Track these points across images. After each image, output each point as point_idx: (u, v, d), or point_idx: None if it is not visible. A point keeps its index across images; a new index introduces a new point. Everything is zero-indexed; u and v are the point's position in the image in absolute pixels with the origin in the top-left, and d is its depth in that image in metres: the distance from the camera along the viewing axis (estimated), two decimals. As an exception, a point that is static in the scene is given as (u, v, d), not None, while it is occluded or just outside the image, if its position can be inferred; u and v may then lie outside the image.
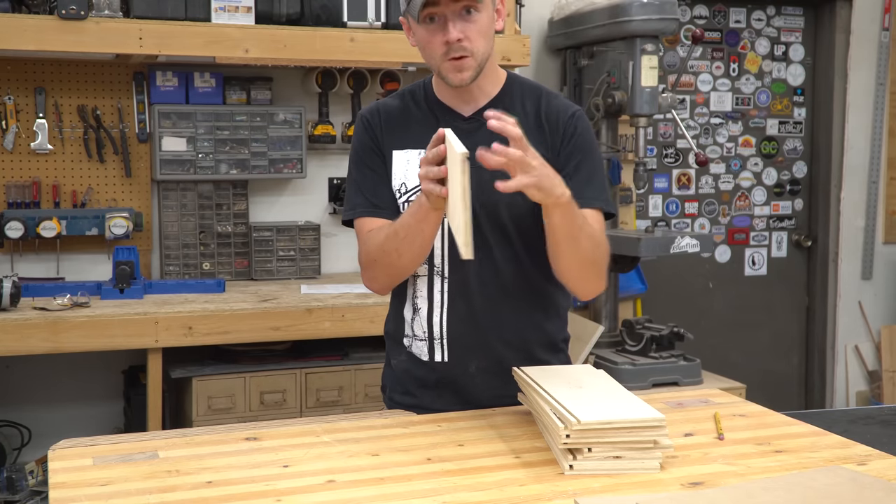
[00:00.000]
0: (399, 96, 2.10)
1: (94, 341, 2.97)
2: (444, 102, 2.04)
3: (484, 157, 1.70)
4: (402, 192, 2.02)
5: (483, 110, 1.97)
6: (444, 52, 1.91)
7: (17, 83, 3.46)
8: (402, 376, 2.11)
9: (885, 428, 2.36)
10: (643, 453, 1.59)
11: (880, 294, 4.78)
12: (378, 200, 2.02)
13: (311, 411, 3.22)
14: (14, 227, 3.32)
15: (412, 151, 2.02)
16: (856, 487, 1.50)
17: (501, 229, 2.01)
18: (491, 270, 2.01)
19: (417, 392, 2.08)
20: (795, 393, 4.88)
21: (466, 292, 2.01)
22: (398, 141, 2.04)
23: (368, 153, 2.05)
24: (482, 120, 1.92)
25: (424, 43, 1.94)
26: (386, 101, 2.10)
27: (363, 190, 2.04)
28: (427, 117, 2.04)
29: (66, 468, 1.60)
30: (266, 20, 3.36)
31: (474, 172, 1.77)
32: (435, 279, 2.02)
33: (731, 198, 4.69)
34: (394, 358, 2.13)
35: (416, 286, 2.04)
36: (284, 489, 1.50)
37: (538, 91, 2.07)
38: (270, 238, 3.67)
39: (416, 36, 1.96)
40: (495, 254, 2.01)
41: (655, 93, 3.46)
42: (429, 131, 1.93)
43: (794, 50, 4.72)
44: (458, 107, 2.03)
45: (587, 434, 1.57)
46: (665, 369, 3.50)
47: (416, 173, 1.93)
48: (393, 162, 2.03)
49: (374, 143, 2.05)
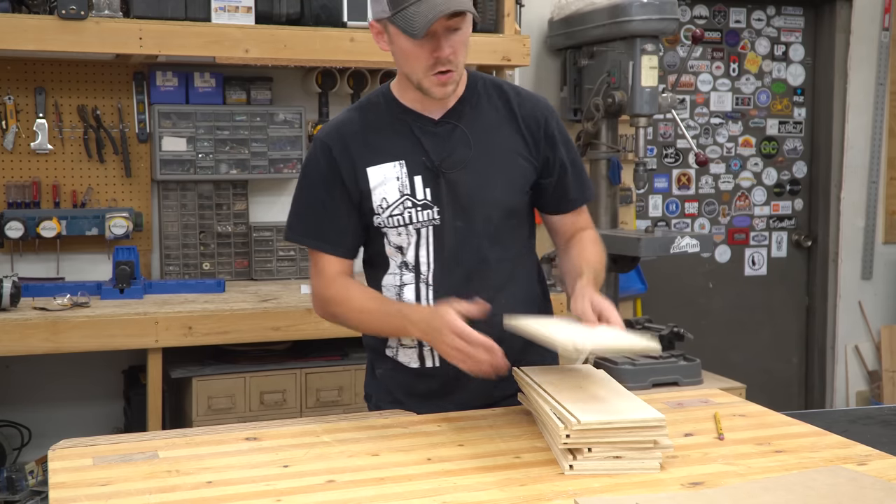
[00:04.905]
0: (357, 110, 2.05)
1: (94, 341, 2.97)
2: (411, 108, 2.00)
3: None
4: (382, 208, 1.98)
5: (452, 111, 1.99)
6: (431, 65, 1.88)
7: (17, 83, 3.46)
8: (388, 384, 2.10)
9: (885, 428, 2.36)
10: (643, 453, 1.59)
11: (880, 294, 4.78)
12: (334, 238, 2.01)
13: (311, 411, 3.22)
14: (14, 227, 3.31)
15: (387, 165, 1.97)
16: (856, 487, 1.50)
17: (495, 233, 2.01)
18: (481, 272, 2.01)
19: (406, 399, 2.06)
20: (795, 393, 4.88)
21: (454, 299, 1.99)
22: (370, 157, 1.98)
23: (323, 181, 2.00)
24: (454, 122, 1.96)
25: (408, 55, 1.89)
26: (343, 120, 2.04)
27: (311, 219, 2.03)
28: (395, 125, 1.99)
29: (66, 468, 1.60)
30: (266, 20, 3.36)
31: (460, 174, 1.89)
32: (421, 286, 2.01)
33: (731, 198, 4.69)
34: (378, 367, 2.11)
35: (401, 296, 2.02)
36: (284, 489, 1.50)
37: (500, 86, 2.07)
38: (270, 238, 3.67)
39: (397, 45, 1.91)
40: (488, 256, 2.01)
41: (655, 93, 3.46)
42: (401, 140, 1.95)
43: (794, 50, 4.72)
44: (426, 111, 2.00)
45: (587, 434, 1.57)
46: (665, 369, 3.49)
47: (396, 187, 1.96)
48: (369, 179, 1.98)
49: (334, 171, 1.99)
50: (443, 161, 1.97)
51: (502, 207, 2.02)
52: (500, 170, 2.00)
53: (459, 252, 1.99)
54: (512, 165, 2.02)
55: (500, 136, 2.01)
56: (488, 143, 2.00)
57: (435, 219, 1.98)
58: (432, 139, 1.98)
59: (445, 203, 1.97)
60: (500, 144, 2.01)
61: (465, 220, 1.98)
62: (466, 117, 2.00)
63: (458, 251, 1.99)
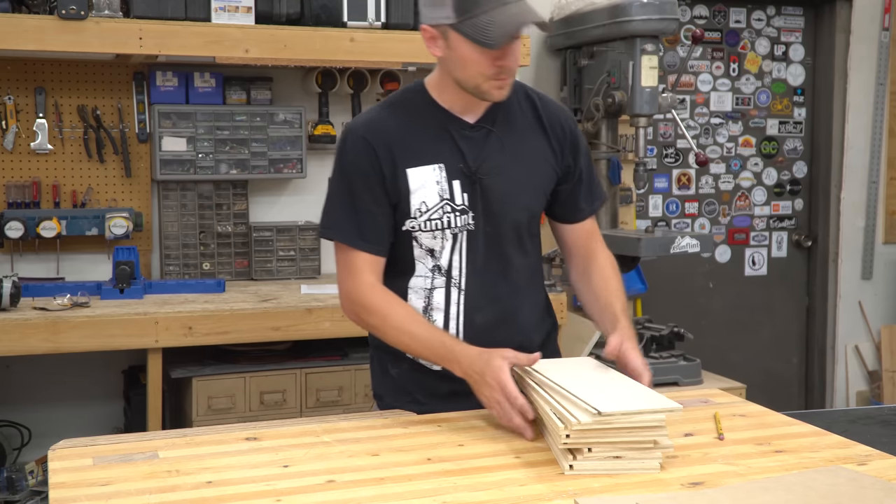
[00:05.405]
0: (389, 108, 2.01)
1: (94, 341, 2.97)
2: (449, 110, 1.99)
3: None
4: (421, 212, 1.97)
5: (486, 115, 2.00)
6: (493, 73, 1.88)
7: (17, 83, 3.46)
8: (407, 385, 2.07)
9: (885, 428, 2.36)
10: (643, 453, 1.59)
11: (880, 294, 4.78)
12: (372, 236, 1.97)
13: (311, 411, 3.22)
14: (14, 227, 3.31)
15: (426, 168, 1.96)
16: (856, 487, 1.50)
17: (519, 239, 2.04)
18: (506, 277, 2.03)
19: (427, 400, 2.04)
20: (795, 393, 4.88)
21: (483, 302, 2.01)
22: (410, 158, 1.96)
23: (363, 177, 1.96)
24: (488, 126, 1.97)
25: (469, 62, 1.87)
26: (378, 116, 2.00)
27: (350, 216, 1.97)
28: (434, 127, 1.98)
29: (66, 468, 1.59)
30: (266, 20, 3.36)
31: (494, 179, 1.93)
32: (452, 290, 2.01)
33: (731, 198, 4.69)
34: (393, 367, 2.09)
35: (431, 298, 2.01)
36: (284, 489, 1.50)
37: (526, 90, 2.08)
38: (270, 238, 3.67)
39: (457, 51, 1.88)
40: (513, 260, 2.03)
41: (655, 93, 3.46)
42: (440, 143, 1.96)
43: (794, 50, 4.72)
44: (462, 114, 1.99)
45: (587, 434, 1.57)
46: (665, 369, 3.50)
47: (436, 191, 1.95)
48: (409, 181, 1.95)
49: (375, 168, 1.95)
50: (479, 166, 1.97)
51: (529, 213, 2.05)
52: (529, 176, 2.02)
53: (487, 256, 2.01)
54: (539, 171, 2.04)
55: (529, 141, 2.03)
56: (519, 148, 2.01)
57: (469, 224, 1.98)
58: (468, 143, 1.98)
59: (479, 208, 1.98)
60: (530, 150, 2.03)
61: (494, 225, 2.00)
62: (499, 122, 2.01)
63: (486, 256, 2.01)
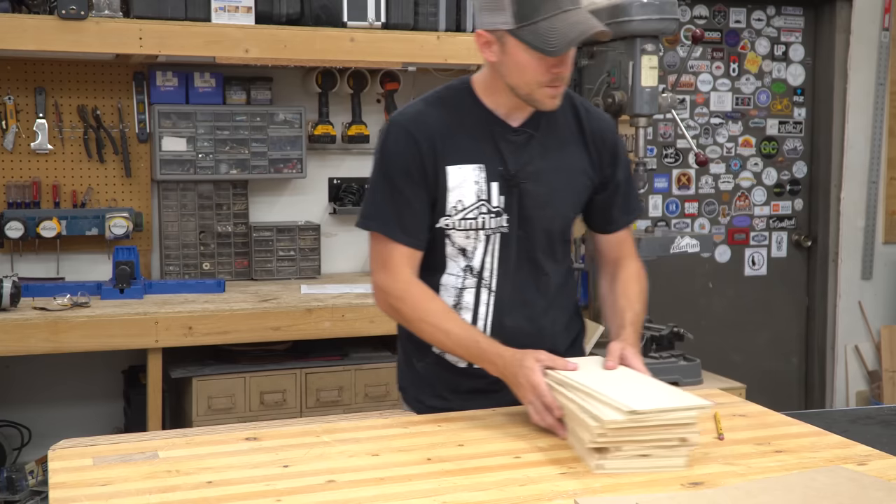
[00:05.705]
0: (435, 104, 2.00)
1: (94, 341, 2.98)
2: (495, 112, 1.98)
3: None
4: (457, 210, 1.96)
5: (530, 120, 2.00)
6: (548, 80, 1.88)
7: (17, 83, 3.46)
8: (431, 379, 2.08)
9: (885, 428, 2.36)
10: (670, 451, 1.59)
11: (880, 294, 4.78)
12: (412, 228, 1.96)
13: (311, 411, 3.22)
14: (14, 227, 3.31)
15: (467, 167, 1.95)
16: (856, 487, 1.50)
17: (551, 245, 2.04)
18: (536, 282, 2.03)
19: (451, 396, 2.05)
20: (795, 393, 4.88)
21: (513, 305, 2.01)
22: (452, 156, 1.95)
23: (407, 171, 1.95)
24: (531, 131, 1.98)
25: (525, 68, 1.87)
26: (422, 110, 1.99)
27: (391, 208, 1.96)
28: (478, 127, 1.98)
29: (66, 468, 1.60)
30: (266, 20, 3.36)
31: (531, 185, 1.95)
32: (482, 291, 2.01)
33: (731, 198, 4.69)
34: (418, 360, 2.09)
35: (461, 298, 2.01)
36: (284, 489, 1.50)
37: (572, 98, 2.07)
38: (270, 238, 3.67)
39: (512, 57, 1.87)
40: (543, 266, 2.04)
41: (655, 93, 3.45)
42: (482, 144, 1.96)
43: (794, 50, 4.72)
44: (507, 117, 1.99)
45: (620, 433, 1.57)
46: (665, 369, 3.49)
47: (474, 191, 1.95)
48: (448, 179, 1.95)
49: (417, 162, 1.94)
50: (518, 171, 1.97)
51: (563, 221, 2.06)
52: (566, 184, 2.03)
53: (519, 260, 2.01)
54: (576, 181, 2.04)
55: (569, 149, 2.03)
56: (559, 155, 2.01)
57: (503, 227, 1.99)
58: (509, 147, 1.98)
59: (514, 212, 1.99)
60: (568, 158, 2.03)
61: (528, 230, 2.00)
62: (542, 128, 2.00)
63: (518, 259, 2.01)
